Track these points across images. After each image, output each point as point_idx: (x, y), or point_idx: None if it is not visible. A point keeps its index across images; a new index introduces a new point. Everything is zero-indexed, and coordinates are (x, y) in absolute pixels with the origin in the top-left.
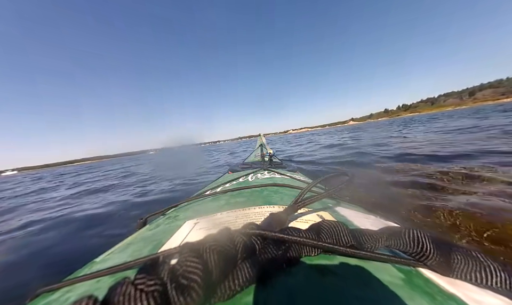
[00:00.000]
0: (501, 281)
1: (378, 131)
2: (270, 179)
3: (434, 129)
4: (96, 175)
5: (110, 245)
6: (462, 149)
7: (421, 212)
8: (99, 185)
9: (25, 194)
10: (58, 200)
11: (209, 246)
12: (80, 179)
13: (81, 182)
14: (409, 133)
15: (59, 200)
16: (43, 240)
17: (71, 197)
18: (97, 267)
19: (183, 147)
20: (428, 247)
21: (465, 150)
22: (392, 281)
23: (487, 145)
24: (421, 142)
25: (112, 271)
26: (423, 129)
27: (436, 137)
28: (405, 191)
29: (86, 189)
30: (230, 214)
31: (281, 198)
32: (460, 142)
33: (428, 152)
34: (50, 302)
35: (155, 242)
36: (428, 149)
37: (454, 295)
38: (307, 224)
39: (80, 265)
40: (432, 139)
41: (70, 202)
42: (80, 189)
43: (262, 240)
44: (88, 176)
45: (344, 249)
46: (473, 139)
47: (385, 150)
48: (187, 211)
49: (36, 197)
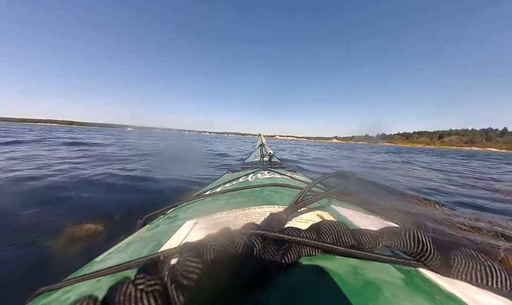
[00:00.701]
0: (501, 281)
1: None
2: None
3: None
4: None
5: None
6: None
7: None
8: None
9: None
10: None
11: (209, 246)
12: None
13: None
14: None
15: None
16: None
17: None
18: (97, 267)
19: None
20: (427, 247)
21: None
22: (392, 281)
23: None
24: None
25: (112, 271)
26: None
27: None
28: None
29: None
30: (230, 214)
31: (281, 198)
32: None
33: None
34: (50, 301)
35: (155, 242)
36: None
37: (454, 295)
38: (307, 224)
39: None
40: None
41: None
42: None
43: (262, 240)
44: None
45: (344, 249)
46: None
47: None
48: (187, 211)
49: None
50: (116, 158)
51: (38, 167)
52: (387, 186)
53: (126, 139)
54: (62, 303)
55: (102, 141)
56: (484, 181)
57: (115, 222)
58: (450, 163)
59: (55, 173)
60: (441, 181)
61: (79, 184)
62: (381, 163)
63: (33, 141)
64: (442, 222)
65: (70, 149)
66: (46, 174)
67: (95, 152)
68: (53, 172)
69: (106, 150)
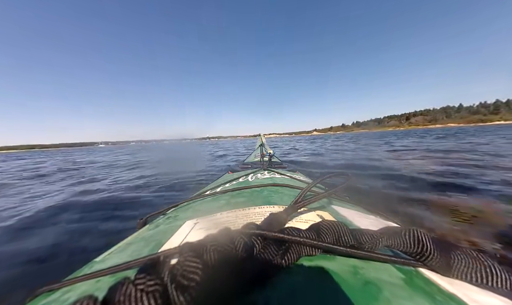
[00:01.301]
0: (501, 281)
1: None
2: (270, 179)
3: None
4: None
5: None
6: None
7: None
8: None
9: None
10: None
11: (210, 246)
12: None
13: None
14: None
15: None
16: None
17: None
18: (97, 267)
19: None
20: (428, 247)
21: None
22: (392, 281)
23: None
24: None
25: (112, 271)
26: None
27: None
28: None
29: None
30: (230, 214)
31: (281, 198)
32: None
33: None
34: (50, 301)
35: (155, 242)
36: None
37: (454, 295)
38: (307, 224)
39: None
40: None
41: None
42: None
43: (262, 240)
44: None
45: (344, 249)
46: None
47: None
48: (187, 211)
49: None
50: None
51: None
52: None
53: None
54: (62, 303)
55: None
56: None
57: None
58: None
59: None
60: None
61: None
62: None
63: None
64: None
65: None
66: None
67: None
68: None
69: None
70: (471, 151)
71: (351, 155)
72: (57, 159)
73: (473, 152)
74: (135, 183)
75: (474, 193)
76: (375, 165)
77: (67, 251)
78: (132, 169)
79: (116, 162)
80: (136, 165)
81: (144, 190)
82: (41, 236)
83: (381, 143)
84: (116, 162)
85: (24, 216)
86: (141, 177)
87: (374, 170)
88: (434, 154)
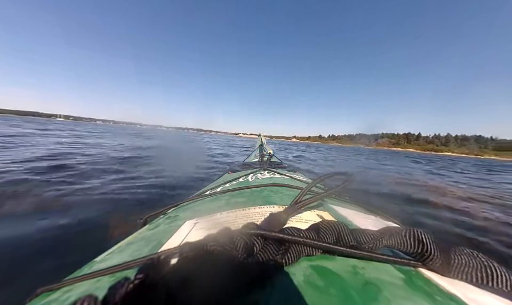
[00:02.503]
0: (501, 281)
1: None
2: (270, 179)
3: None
4: None
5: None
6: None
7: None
8: None
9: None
10: None
11: (210, 246)
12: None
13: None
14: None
15: None
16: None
17: None
18: (97, 267)
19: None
20: (428, 247)
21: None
22: (392, 281)
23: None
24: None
25: (112, 271)
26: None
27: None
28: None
29: None
30: (230, 214)
31: (281, 198)
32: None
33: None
34: (50, 301)
35: (155, 242)
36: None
37: (454, 295)
38: (307, 224)
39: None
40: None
41: None
42: None
43: (262, 240)
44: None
45: (344, 249)
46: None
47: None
48: (187, 211)
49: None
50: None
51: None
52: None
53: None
54: (62, 303)
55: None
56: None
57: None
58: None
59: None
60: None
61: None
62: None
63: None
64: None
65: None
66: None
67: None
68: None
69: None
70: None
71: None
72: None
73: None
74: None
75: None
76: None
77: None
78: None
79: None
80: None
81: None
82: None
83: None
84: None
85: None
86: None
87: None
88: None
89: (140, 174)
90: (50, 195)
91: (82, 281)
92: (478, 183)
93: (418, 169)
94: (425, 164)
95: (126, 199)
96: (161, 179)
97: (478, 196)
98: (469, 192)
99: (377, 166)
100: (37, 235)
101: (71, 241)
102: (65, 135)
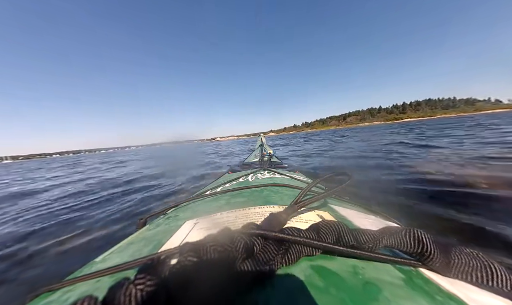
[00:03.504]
0: (501, 281)
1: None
2: (270, 179)
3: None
4: None
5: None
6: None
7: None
8: None
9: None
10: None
11: (210, 246)
12: None
13: None
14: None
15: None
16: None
17: None
18: (97, 267)
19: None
20: (428, 247)
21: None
22: (392, 281)
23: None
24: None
25: (112, 271)
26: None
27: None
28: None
29: None
30: (230, 214)
31: (281, 198)
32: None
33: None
34: (50, 301)
35: (155, 242)
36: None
37: (454, 295)
38: (307, 224)
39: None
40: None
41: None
42: None
43: (262, 240)
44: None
45: (344, 249)
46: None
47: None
48: (187, 211)
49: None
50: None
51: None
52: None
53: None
54: (62, 303)
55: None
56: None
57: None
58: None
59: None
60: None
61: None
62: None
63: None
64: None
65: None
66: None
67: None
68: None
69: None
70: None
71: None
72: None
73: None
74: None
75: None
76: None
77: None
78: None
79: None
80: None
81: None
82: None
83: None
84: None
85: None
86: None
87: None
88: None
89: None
90: None
91: (83, 281)
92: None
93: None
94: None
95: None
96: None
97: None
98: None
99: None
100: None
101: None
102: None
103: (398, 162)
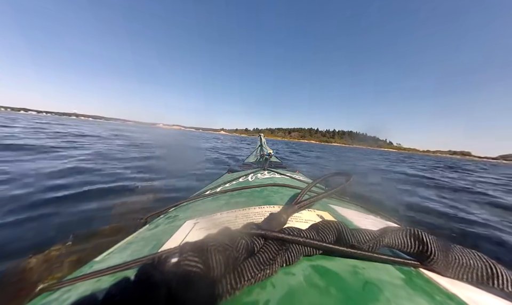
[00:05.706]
0: (501, 281)
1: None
2: (270, 179)
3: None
4: None
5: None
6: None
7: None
8: None
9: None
10: None
11: (210, 246)
12: None
13: None
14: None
15: None
16: None
17: None
18: (97, 267)
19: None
20: (428, 247)
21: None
22: (392, 281)
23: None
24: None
25: (112, 271)
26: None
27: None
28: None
29: None
30: (230, 214)
31: (281, 198)
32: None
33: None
34: (50, 301)
35: (155, 242)
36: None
37: (454, 295)
38: (307, 224)
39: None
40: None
41: None
42: None
43: (262, 240)
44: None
45: (344, 249)
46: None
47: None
48: (187, 211)
49: None
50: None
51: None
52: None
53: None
54: (62, 303)
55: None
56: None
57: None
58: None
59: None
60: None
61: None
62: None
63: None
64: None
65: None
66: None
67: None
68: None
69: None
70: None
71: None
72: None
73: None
74: None
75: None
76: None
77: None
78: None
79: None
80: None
81: None
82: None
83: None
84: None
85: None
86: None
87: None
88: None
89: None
90: None
91: (82, 281)
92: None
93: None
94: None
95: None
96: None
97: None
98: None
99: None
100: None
101: None
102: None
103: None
